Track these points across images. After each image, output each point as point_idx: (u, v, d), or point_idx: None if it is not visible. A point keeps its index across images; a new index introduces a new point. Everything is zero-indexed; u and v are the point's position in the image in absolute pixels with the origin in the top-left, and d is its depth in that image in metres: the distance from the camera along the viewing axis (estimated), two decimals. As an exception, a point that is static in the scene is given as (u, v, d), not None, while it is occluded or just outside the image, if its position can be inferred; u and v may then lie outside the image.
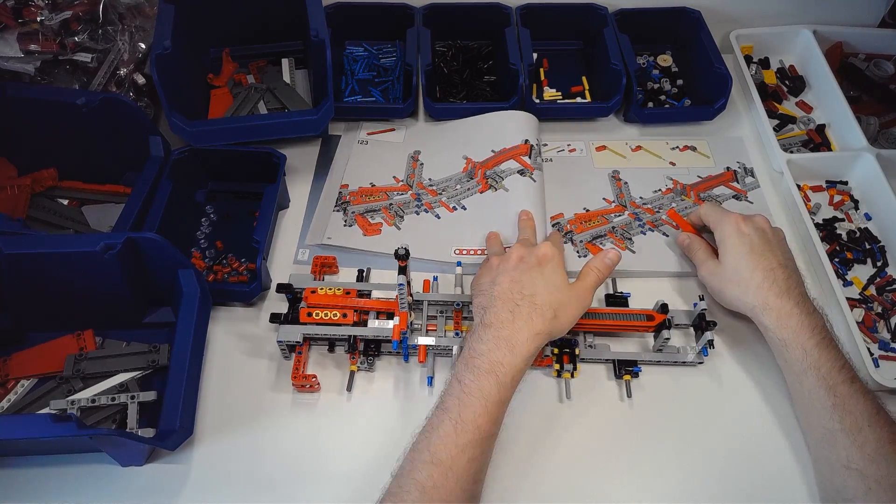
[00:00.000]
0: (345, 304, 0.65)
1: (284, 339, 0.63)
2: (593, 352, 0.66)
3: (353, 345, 0.64)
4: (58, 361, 0.64)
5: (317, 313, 0.65)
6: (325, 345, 0.67)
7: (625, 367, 0.65)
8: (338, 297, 0.66)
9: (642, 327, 0.66)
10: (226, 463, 0.61)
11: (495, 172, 0.77)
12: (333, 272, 0.72)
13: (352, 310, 0.65)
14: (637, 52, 0.91)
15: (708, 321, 0.64)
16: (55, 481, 0.59)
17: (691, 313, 0.68)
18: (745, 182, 0.81)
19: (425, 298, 0.67)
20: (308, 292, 0.66)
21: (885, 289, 0.73)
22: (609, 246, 0.74)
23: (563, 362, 0.64)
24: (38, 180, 0.76)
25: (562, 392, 0.65)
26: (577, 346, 0.65)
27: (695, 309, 0.67)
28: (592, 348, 0.66)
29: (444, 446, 0.51)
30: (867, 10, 0.93)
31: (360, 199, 0.78)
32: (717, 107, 0.83)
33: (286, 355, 0.66)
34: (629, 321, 0.66)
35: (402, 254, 0.58)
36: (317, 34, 0.75)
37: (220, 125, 0.76)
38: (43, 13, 0.71)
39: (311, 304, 0.65)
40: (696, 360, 0.66)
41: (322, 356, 0.67)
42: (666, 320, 0.64)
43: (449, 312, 0.68)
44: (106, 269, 0.61)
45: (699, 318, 0.66)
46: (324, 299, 0.65)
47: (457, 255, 0.72)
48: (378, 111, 0.86)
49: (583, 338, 0.67)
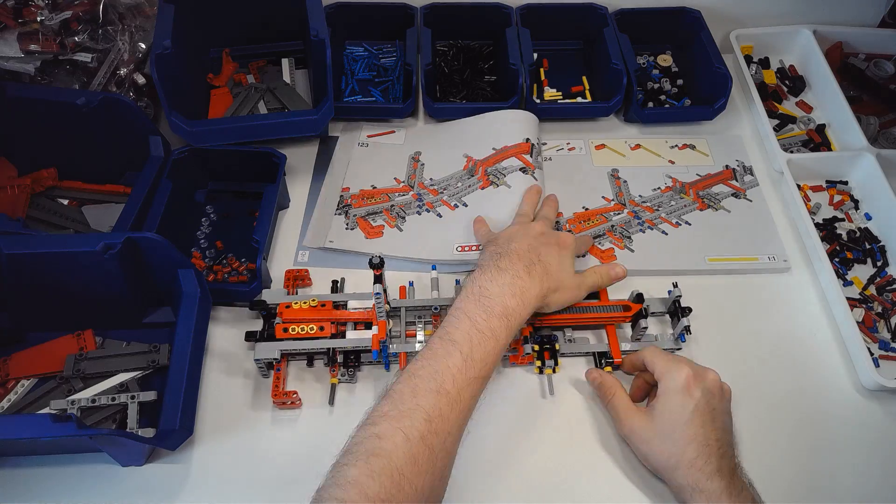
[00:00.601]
0: (321, 317, 0.65)
1: (262, 357, 0.62)
2: (573, 346, 0.66)
3: (333, 357, 0.64)
4: (58, 361, 0.64)
5: (293, 328, 0.64)
6: (304, 359, 0.66)
7: (605, 359, 0.65)
8: (313, 310, 0.65)
9: (619, 318, 0.66)
10: (226, 463, 0.61)
11: (497, 169, 0.77)
12: (307, 285, 0.71)
13: (328, 322, 0.64)
14: (637, 52, 0.91)
15: (683, 307, 0.65)
16: (55, 481, 0.59)
17: (666, 301, 0.68)
18: (743, 180, 0.81)
19: (402, 305, 0.67)
20: (282, 307, 0.65)
21: (885, 288, 0.73)
22: (608, 246, 0.74)
23: (545, 358, 0.64)
24: (38, 180, 0.76)
25: (544, 388, 0.65)
26: (557, 342, 0.65)
27: (669, 296, 0.67)
28: (572, 342, 0.66)
29: (451, 378, 0.50)
30: (867, 10, 0.93)
31: (361, 201, 0.78)
32: (717, 106, 0.83)
33: (264, 373, 0.65)
34: (606, 313, 0.66)
35: (377, 263, 0.57)
36: (317, 34, 0.75)
37: (220, 125, 0.76)
38: (43, 13, 0.71)
39: (286, 319, 0.65)
40: (673, 347, 0.66)
41: (301, 370, 0.66)
42: (642, 309, 0.65)
43: (427, 317, 0.67)
44: (106, 269, 0.61)
45: (674, 305, 0.66)
46: (299, 313, 0.65)
47: (459, 252, 0.72)
48: (378, 111, 0.86)
49: (562, 333, 0.67)
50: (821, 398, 0.65)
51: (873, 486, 0.60)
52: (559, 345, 0.65)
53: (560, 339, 0.66)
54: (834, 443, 0.62)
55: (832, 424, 0.63)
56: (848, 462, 0.61)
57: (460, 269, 0.72)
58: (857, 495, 0.59)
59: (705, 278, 0.72)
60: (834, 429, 0.63)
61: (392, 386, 0.51)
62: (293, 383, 0.65)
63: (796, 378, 0.66)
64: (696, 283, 0.71)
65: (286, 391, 0.63)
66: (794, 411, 0.64)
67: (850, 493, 0.59)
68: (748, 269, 0.73)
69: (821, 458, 0.61)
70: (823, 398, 0.65)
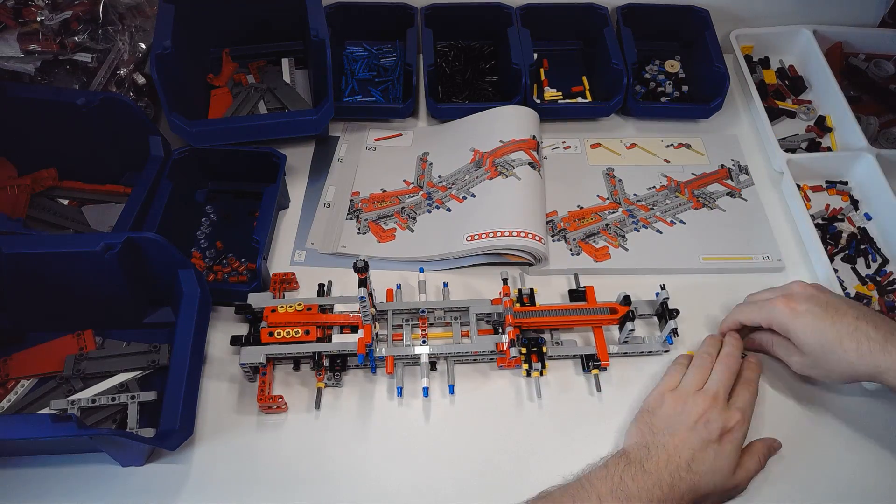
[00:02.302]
0: (307, 321, 0.64)
1: (247, 361, 0.62)
2: (560, 348, 0.66)
3: (319, 361, 0.64)
4: (58, 361, 0.64)
5: (278, 332, 0.64)
6: (290, 363, 0.66)
7: (592, 362, 0.65)
8: (299, 313, 0.65)
9: (606, 320, 0.66)
10: (226, 463, 0.61)
11: (505, 161, 0.76)
12: (293, 288, 0.71)
13: (314, 326, 0.64)
14: (644, 56, 0.91)
15: (671, 309, 0.65)
16: (55, 481, 0.59)
17: (654, 303, 0.68)
18: (739, 179, 0.81)
19: (389, 308, 0.67)
20: (268, 311, 0.65)
21: (885, 288, 0.72)
22: (602, 244, 0.74)
23: (532, 361, 0.64)
24: (38, 180, 0.76)
25: (532, 391, 0.65)
26: (545, 345, 0.65)
27: (657, 298, 0.67)
28: (560, 345, 0.66)
29: None
30: (867, 10, 0.93)
31: (371, 205, 0.78)
32: (713, 105, 0.83)
33: (250, 377, 0.64)
34: (593, 315, 0.66)
35: (361, 266, 0.57)
36: (317, 34, 0.75)
37: (220, 125, 0.76)
38: (43, 13, 0.71)
39: (272, 323, 0.64)
40: (661, 349, 0.66)
41: (287, 374, 0.66)
42: (629, 312, 0.65)
43: (415, 320, 0.67)
44: (106, 269, 0.61)
45: (662, 307, 0.66)
46: (285, 317, 0.64)
47: (469, 241, 0.71)
48: (378, 111, 0.86)
49: (549, 335, 0.67)
50: (820, 398, 0.65)
51: (874, 485, 0.60)
52: (546, 347, 0.65)
53: (547, 341, 0.66)
54: (833, 443, 0.62)
55: (832, 424, 0.63)
56: (848, 462, 0.61)
57: (469, 261, 0.72)
58: (858, 495, 0.59)
59: (699, 277, 0.73)
60: (834, 429, 0.63)
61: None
62: (279, 388, 0.65)
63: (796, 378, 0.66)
64: (690, 282, 0.71)
65: (272, 395, 0.62)
66: (793, 411, 0.64)
67: (850, 492, 0.59)
68: (742, 269, 0.73)
69: (820, 457, 0.61)
70: (823, 398, 0.64)
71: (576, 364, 0.67)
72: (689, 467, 0.54)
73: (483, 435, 0.62)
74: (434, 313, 0.67)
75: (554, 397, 0.65)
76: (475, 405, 0.64)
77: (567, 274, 0.73)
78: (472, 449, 0.61)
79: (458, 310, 0.68)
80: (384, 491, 0.59)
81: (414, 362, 0.66)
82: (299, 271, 0.72)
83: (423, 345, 0.65)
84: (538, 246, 0.69)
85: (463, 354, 0.65)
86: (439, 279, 0.72)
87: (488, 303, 0.67)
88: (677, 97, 0.88)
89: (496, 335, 0.65)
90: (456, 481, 0.59)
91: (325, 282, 0.71)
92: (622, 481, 0.54)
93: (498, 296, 0.67)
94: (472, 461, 0.60)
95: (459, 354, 0.65)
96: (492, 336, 0.65)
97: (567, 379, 0.66)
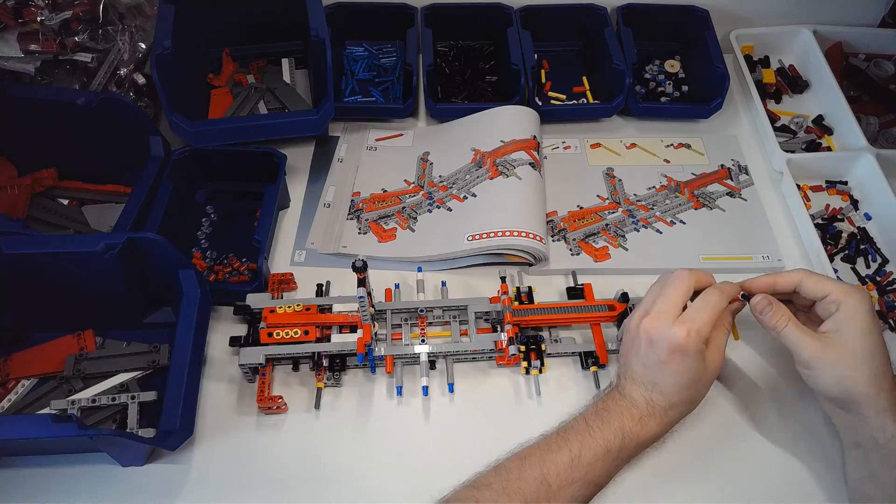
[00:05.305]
0: (306, 321, 0.64)
1: (246, 362, 0.62)
2: (559, 346, 0.66)
3: (318, 361, 0.64)
4: (58, 361, 0.64)
5: (277, 332, 0.64)
6: (290, 364, 0.66)
7: (591, 359, 0.65)
8: (298, 314, 0.65)
9: (604, 317, 0.66)
10: (226, 463, 0.61)
11: (506, 161, 0.76)
12: (291, 288, 0.71)
13: (313, 326, 0.64)
14: (644, 56, 0.91)
15: None
16: (55, 481, 0.59)
17: None
18: (738, 179, 0.81)
19: (388, 307, 0.67)
20: (267, 312, 0.65)
21: (885, 288, 0.73)
22: (602, 244, 0.74)
23: (531, 359, 0.64)
24: (38, 180, 0.76)
25: (531, 389, 0.65)
26: (543, 342, 0.65)
27: None
28: (558, 342, 0.67)
29: (555, 472, 0.52)
30: (867, 10, 0.93)
31: (372, 205, 0.78)
32: (712, 105, 0.83)
33: (250, 378, 0.64)
34: (591, 313, 0.66)
35: (360, 266, 0.57)
36: (317, 34, 0.75)
37: (220, 125, 0.76)
38: (43, 13, 0.71)
39: (270, 323, 0.64)
40: None
41: (286, 375, 0.66)
42: (627, 309, 0.65)
43: (413, 320, 0.67)
44: (106, 270, 0.61)
45: None
46: (283, 318, 0.64)
47: (469, 241, 0.71)
48: (378, 111, 0.86)
49: (548, 333, 0.67)
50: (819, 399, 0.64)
51: (873, 485, 0.60)
52: (545, 345, 0.65)
53: (546, 339, 0.66)
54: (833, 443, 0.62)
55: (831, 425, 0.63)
56: (848, 462, 0.61)
57: (470, 261, 0.72)
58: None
59: (700, 277, 0.72)
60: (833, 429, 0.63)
61: (502, 461, 0.55)
62: (279, 388, 0.65)
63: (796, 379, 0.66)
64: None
65: (272, 396, 0.62)
66: (793, 412, 0.64)
67: (849, 492, 0.59)
68: (742, 269, 0.73)
69: (820, 457, 0.61)
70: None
71: (574, 361, 0.67)
72: (654, 387, 0.56)
73: (483, 433, 0.62)
74: (433, 312, 0.67)
75: (553, 395, 0.65)
76: (475, 403, 0.64)
77: (567, 274, 0.73)
78: (473, 447, 0.61)
79: (457, 308, 0.68)
80: (384, 490, 0.59)
81: (413, 361, 0.66)
82: (299, 271, 0.72)
83: (423, 344, 0.65)
84: (539, 246, 0.69)
85: (462, 353, 0.65)
86: (437, 278, 0.72)
87: (487, 301, 0.67)
88: (677, 97, 0.88)
89: (495, 333, 0.65)
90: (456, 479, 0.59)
91: (324, 282, 0.71)
92: (604, 403, 0.57)
93: (496, 294, 0.67)
94: (473, 459, 0.60)
95: (458, 353, 0.65)
96: (490, 334, 0.65)
97: (566, 376, 0.66)
